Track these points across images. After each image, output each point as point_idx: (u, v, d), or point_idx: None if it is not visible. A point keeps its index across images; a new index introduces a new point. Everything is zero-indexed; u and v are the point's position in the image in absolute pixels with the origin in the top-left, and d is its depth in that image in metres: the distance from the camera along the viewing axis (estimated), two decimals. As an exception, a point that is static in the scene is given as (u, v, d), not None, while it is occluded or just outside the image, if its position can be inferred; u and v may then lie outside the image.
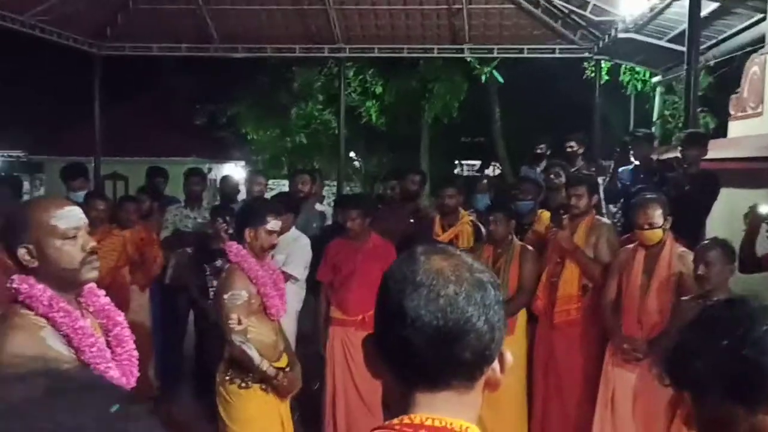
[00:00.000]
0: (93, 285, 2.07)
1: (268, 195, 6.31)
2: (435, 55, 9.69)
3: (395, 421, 1.04)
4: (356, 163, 18.62)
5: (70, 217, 1.94)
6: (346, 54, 9.27)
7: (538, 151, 6.92)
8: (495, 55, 9.72)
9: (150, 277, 5.61)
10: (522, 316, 4.60)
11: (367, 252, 4.72)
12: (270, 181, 15.64)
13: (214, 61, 11.06)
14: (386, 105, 14.97)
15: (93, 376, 0.67)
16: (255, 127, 16.05)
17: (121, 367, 2.00)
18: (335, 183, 11.83)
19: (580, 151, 6.51)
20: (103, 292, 2.11)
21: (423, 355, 1.01)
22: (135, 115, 17.22)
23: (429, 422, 1.01)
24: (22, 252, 1.89)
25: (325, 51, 9.29)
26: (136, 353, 2.08)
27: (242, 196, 6.55)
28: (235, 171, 18.05)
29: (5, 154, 20.55)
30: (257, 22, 8.81)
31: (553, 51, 8.80)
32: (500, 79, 13.35)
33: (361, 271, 4.66)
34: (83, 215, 1.98)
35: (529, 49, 8.85)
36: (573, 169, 5.84)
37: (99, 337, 1.98)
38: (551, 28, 8.50)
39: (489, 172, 19.64)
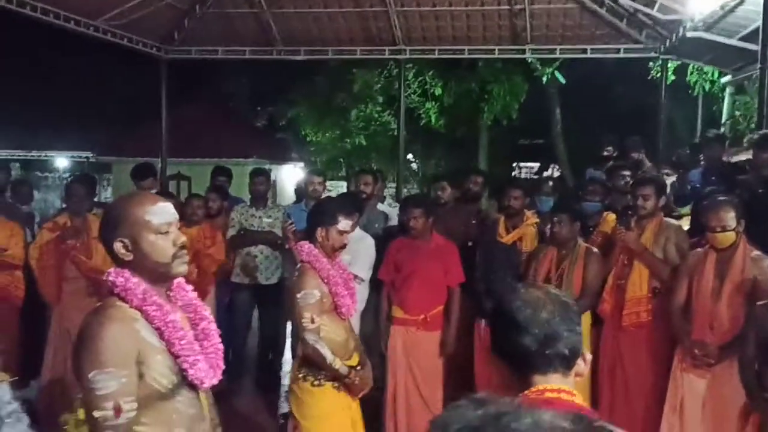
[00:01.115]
0: (182, 280, 2.15)
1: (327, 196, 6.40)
2: (496, 56, 9.65)
3: (521, 395, 1.50)
4: (414, 165, 18.64)
5: (164, 212, 2.01)
6: (406, 55, 9.30)
7: (605, 153, 6.84)
8: (557, 55, 9.61)
9: (222, 274, 5.77)
10: (586, 319, 4.53)
11: (429, 251, 4.74)
12: (328, 183, 15.84)
13: (274, 63, 11.26)
14: (445, 106, 14.95)
15: None
16: (314, 129, 16.25)
17: (209, 360, 2.07)
18: (393, 184, 11.89)
19: (642, 156, 6.44)
20: (191, 287, 2.18)
21: (537, 352, 1.53)
22: (197, 117, 17.61)
23: (548, 391, 1.52)
24: (118, 246, 1.98)
25: (385, 52, 9.35)
26: (221, 347, 2.15)
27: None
28: (294, 172, 18.32)
29: (75, 155, 21.32)
30: (319, 24, 8.94)
31: (618, 51, 8.64)
32: (562, 80, 13.18)
33: (423, 270, 4.68)
34: (175, 211, 2.06)
35: (592, 49, 8.72)
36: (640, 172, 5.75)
37: (188, 330, 2.06)
38: (616, 27, 8.36)
39: (548, 174, 19.41)
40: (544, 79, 13.29)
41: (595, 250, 4.60)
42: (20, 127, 19.97)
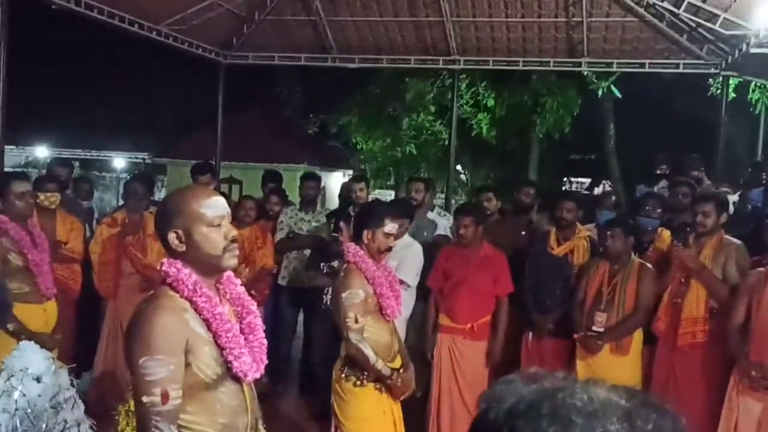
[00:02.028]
0: (231, 273, 2.18)
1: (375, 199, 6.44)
2: (551, 68, 9.53)
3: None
4: (463, 176, 18.54)
5: (217, 206, 2.05)
6: (460, 66, 9.27)
7: (659, 171, 6.72)
8: (614, 69, 9.44)
9: (259, 276, 5.81)
10: (638, 336, 4.43)
11: (479, 261, 4.72)
12: (376, 191, 15.85)
13: (328, 72, 11.32)
14: (497, 118, 14.84)
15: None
16: (365, 137, 16.31)
17: (253, 353, 2.09)
18: (442, 195, 11.84)
19: (702, 174, 6.31)
20: (239, 281, 2.21)
21: None
22: (251, 122, 17.91)
23: None
24: (171, 236, 2.01)
25: (439, 62, 9.34)
26: (265, 342, 2.17)
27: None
28: (343, 180, 18.44)
29: (132, 156, 21.92)
30: (374, 33, 8.98)
31: (677, 66, 8.44)
32: (618, 94, 12.95)
33: (471, 279, 4.66)
34: (227, 206, 2.09)
35: (651, 63, 8.54)
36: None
37: (234, 323, 2.08)
38: (676, 42, 8.17)
39: (599, 190, 19.09)
40: (599, 92, 13.07)
41: (649, 266, 4.50)
42: (80, 127, 20.67)
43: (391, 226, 3.52)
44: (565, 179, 21.27)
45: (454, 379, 4.58)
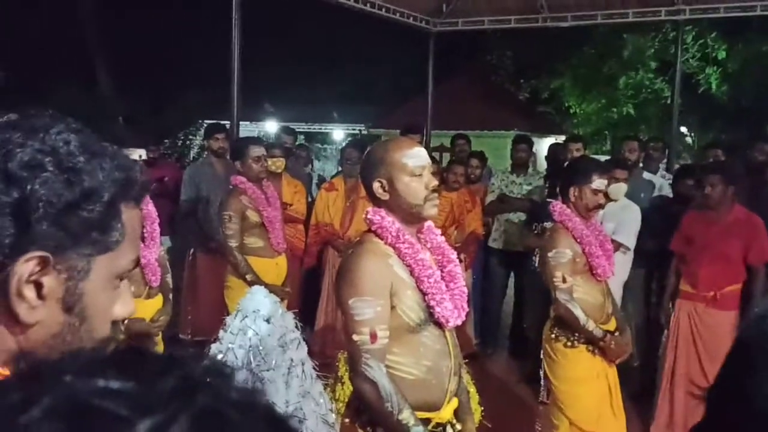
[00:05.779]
0: (431, 224, 2.26)
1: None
2: (800, 10, 8.40)
3: None
4: (688, 139, 17.08)
5: (419, 157, 2.12)
6: (686, 16, 8.49)
7: None
8: None
9: (468, 240, 5.87)
10: None
11: (727, 225, 4.26)
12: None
13: (538, 35, 10.94)
14: (729, 72, 13.42)
15: None
16: (579, 100, 15.62)
17: (454, 300, 2.15)
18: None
19: None
20: (439, 231, 2.28)
21: None
22: (460, 90, 18.00)
23: None
24: (376, 185, 2.13)
25: (661, 14, 8.64)
26: (466, 290, 2.22)
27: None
28: (556, 145, 17.90)
29: (350, 128, 23.18)
30: (588, -12, 8.55)
31: None
32: None
33: (716, 245, 4.23)
34: (428, 156, 2.16)
35: None
36: None
37: (435, 270, 2.15)
38: None
39: None
40: None
41: None
42: (304, 102, 22.23)
43: (599, 182, 3.36)
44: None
45: (693, 347, 4.26)
